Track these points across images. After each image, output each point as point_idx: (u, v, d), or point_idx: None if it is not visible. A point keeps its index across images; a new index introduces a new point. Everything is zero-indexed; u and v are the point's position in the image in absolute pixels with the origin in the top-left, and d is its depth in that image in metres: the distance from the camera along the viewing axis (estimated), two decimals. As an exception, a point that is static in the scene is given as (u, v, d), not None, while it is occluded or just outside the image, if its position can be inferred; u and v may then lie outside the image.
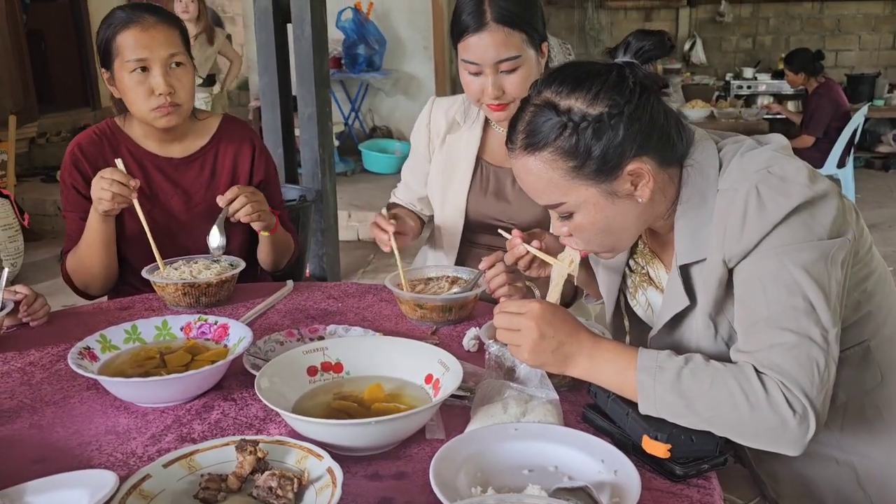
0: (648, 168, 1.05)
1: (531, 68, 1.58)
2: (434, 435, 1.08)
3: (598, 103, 1.03)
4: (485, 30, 1.53)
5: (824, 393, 0.96)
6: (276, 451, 0.96)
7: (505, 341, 1.09)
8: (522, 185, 1.12)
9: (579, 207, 1.08)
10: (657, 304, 1.23)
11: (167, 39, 1.67)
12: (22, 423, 1.13)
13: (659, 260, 1.23)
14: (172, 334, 1.34)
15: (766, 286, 0.99)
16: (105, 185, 1.58)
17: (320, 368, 1.17)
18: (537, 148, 1.06)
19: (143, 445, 1.06)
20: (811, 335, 0.96)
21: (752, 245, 1.00)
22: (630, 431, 1.02)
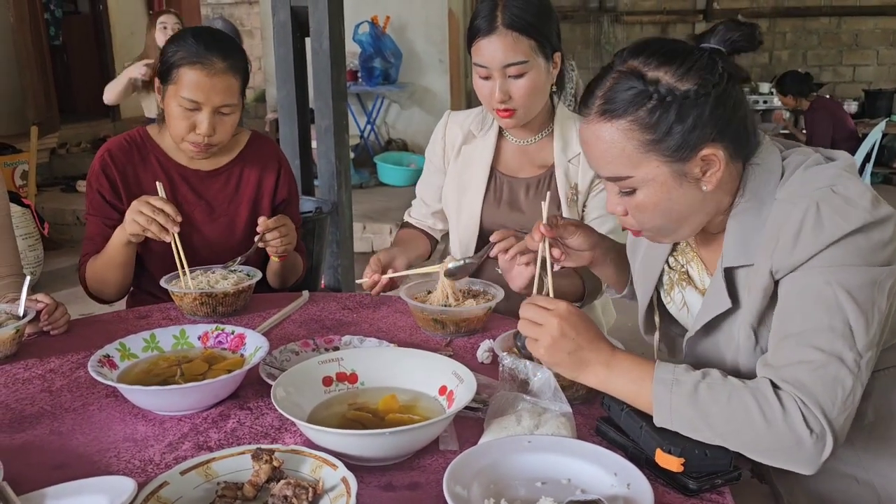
0: (721, 156, 1.04)
1: (539, 76, 1.61)
2: (447, 446, 1.08)
3: (688, 80, 1.02)
4: (495, 33, 1.57)
5: (846, 415, 0.96)
6: (291, 460, 0.97)
7: (525, 333, 1.08)
8: (588, 153, 1.10)
9: (645, 184, 1.06)
10: (693, 304, 1.22)
11: (226, 89, 1.69)
12: (42, 430, 1.15)
13: (700, 259, 1.21)
14: (190, 343, 1.35)
15: (806, 302, 0.98)
16: (147, 212, 1.57)
17: (335, 379, 1.18)
18: (615, 115, 1.04)
19: (160, 453, 1.08)
20: (843, 357, 0.95)
21: (802, 260, 0.99)
22: (643, 445, 1.02)
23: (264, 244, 1.71)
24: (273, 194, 1.90)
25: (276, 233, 1.70)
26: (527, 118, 1.69)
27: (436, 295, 1.55)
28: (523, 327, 1.08)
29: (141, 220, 1.58)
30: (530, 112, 1.68)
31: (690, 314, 1.23)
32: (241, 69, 1.73)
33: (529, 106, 1.65)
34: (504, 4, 1.58)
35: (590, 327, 1.06)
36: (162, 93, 1.73)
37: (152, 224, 1.58)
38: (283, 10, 2.64)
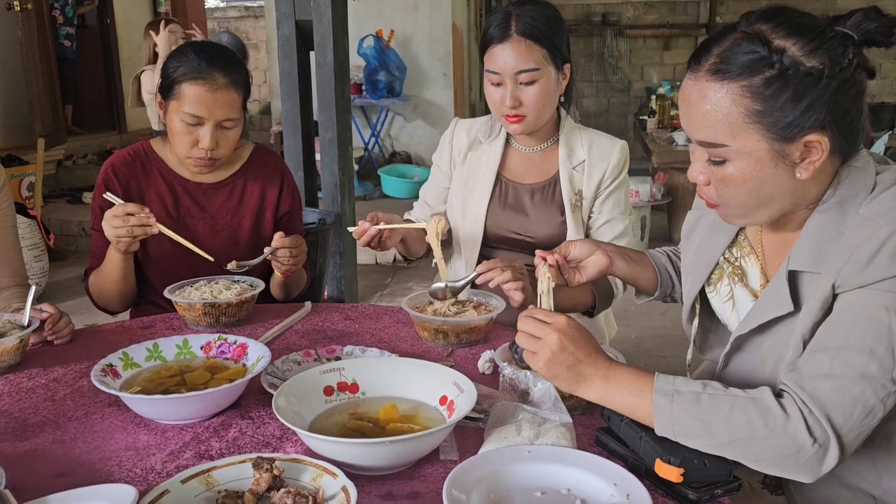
0: (826, 146, 0.99)
1: (550, 85, 1.67)
2: (448, 456, 1.08)
3: (815, 57, 0.96)
4: (508, 40, 1.64)
5: (858, 433, 0.95)
6: (291, 468, 0.98)
7: (524, 346, 1.08)
8: (686, 111, 1.04)
9: (739, 157, 1.00)
10: (741, 301, 1.19)
11: (228, 103, 1.71)
12: (45, 438, 1.16)
13: (757, 257, 1.18)
14: (193, 353, 1.36)
15: (857, 320, 0.96)
16: (119, 223, 1.58)
17: (336, 388, 1.19)
18: (728, 77, 0.98)
19: (161, 461, 1.08)
20: (873, 380, 0.94)
21: (869, 282, 0.96)
22: (643, 455, 1.02)
23: (273, 259, 1.72)
24: (276, 207, 1.91)
25: (287, 251, 1.71)
26: (535, 126, 1.74)
27: (437, 306, 1.56)
28: (522, 340, 1.08)
29: (122, 233, 1.59)
30: (539, 119, 1.72)
31: (736, 310, 1.20)
32: (242, 83, 1.74)
33: (538, 113, 1.70)
34: (517, 14, 1.64)
35: (588, 341, 1.07)
36: (164, 108, 1.75)
37: (133, 230, 1.58)
38: (287, 24, 2.67)
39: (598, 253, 1.38)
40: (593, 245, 1.39)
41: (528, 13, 1.64)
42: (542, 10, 1.67)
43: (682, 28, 9.15)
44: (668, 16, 9.14)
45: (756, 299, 1.16)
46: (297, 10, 2.66)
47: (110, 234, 1.61)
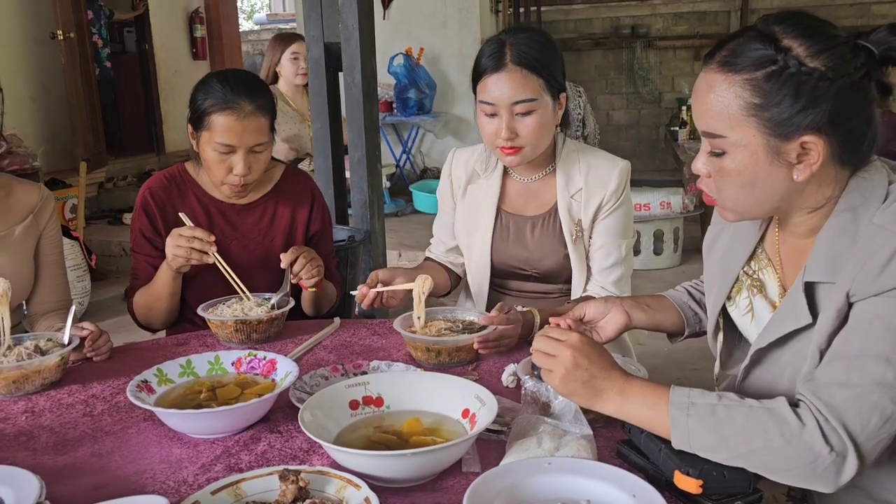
0: (822, 150, 1.01)
1: (547, 115, 1.62)
2: (470, 468, 1.10)
3: (819, 59, 0.98)
4: (503, 70, 1.58)
5: (877, 441, 0.95)
6: (317, 480, 1.00)
7: (540, 365, 1.11)
8: (694, 101, 1.08)
9: (736, 150, 1.03)
10: (761, 313, 1.19)
11: (257, 129, 1.76)
12: (83, 452, 1.21)
13: (775, 269, 1.19)
14: (224, 369, 1.40)
15: (873, 328, 0.96)
16: (183, 243, 1.66)
17: (362, 402, 1.22)
18: (733, 69, 1.02)
19: (193, 474, 1.12)
20: (891, 390, 0.94)
21: (884, 289, 0.96)
22: (663, 467, 1.03)
23: (296, 279, 1.76)
24: (307, 226, 1.96)
25: (301, 261, 1.74)
26: (532, 156, 1.69)
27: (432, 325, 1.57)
28: (537, 359, 1.11)
29: (181, 252, 1.66)
30: (536, 150, 1.68)
31: (755, 321, 1.21)
32: (268, 107, 1.80)
33: (536, 144, 1.65)
34: (511, 43, 1.59)
35: (602, 356, 1.08)
36: (196, 139, 1.81)
37: (192, 252, 1.66)
38: (316, 47, 2.74)
39: (614, 311, 1.38)
40: (608, 304, 1.38)
41: (522, 41, 1.59)
42: (537, 38, 1.62)
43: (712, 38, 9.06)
44: (698, 26, 9.08)
45: (774, 310, 1.16)
46: (325, 32, 2.73)
47: (171, 251, 1.68)
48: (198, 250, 1.65)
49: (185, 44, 8.58)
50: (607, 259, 1.74)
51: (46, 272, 1.82)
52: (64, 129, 6.63)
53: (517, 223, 1.79)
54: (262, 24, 11.03)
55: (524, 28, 1.70)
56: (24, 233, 1.76)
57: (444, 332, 1.54)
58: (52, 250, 1.84)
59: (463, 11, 6.98)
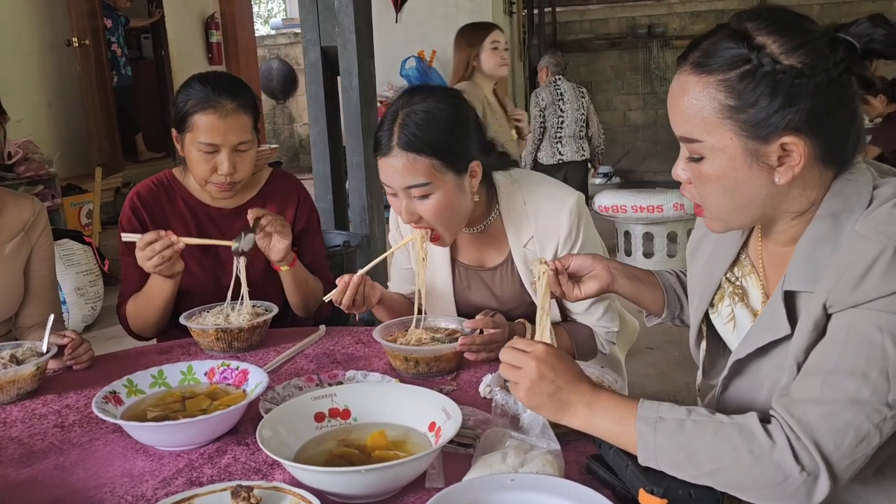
0: (804, 151, 0.96)
1: (447, 195, 1.48)
2: (434, 483, 1.07)
3: (795, 56, 0.94)
4: (390, 154, 1.45)
5: (851, 461, 0.90)
6: (271, 497, 0.98)
7: (506, 377, 1.07)
8: (671, 105, 1.03)
9: (714, 154, 0.99)
10: (742, 322, 1.15)
11: (240, 127, 1.75)
12: (48, 464, 1.19)
13: (758, 276, 1.14)
14: (196, 379, 1.39)
15: (850, 342, 0.91)
16: (149, 254, 1.64)
17: (328, 415, 1.19)
18: (706, 70, 0.97)
19: (153, 488, 1.10)
20: (865, 405, 0.89)
21: (861, 301, 0.91)
22: (629, 484, 0.99)
23: (262, 234, 1.73)
24: (293, 225, 1.94)
25: (266, 217, 1.71)
26: (454, 234, 1.57)
27: (412, 334, 1.53)
28: (504, 371, 1.07)
29: (155, 261, 1.64)
30: (453, 227, 1.55)
31: (737, 330, 1.16)
32: (250, 106, 1.78)
33: (446, 224, 1.52)
34: (402, 122, 1.44)
35: (570, 368, 1.04)
36: (180, 141, 1.80)
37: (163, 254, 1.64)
38: (313, 51, 2.73)
39: (600, 268, 1.34)
40: (595, 260, 1.35)
41: (413, 120, 1.43)
42: (434, 113, 1.45)
43: (730, 37, 8.96)
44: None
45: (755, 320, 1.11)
46: (322, 36, 2.71)
47: (147, 267, 1.67)
48: (165, 248, 1.63)
49: (201, 49, 8.66)
50: (584, 302, 1.61)
51: (36, 287, 1.80)
52: (80, 134, 6.71)
53: (477, 275, 1.70)
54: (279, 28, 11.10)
55: (426, 93, 1.49)
56: (15, 249, 1.74)
57: (424, 342, 1.51)
58: (42, 265, 1.82)
59: (475, 13, 6.95)
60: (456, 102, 1.51)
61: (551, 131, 5.71)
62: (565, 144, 5.67)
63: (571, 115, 5.66)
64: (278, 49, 10.79)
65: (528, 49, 9.02)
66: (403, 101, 1.48)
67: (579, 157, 5.71)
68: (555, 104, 5.68)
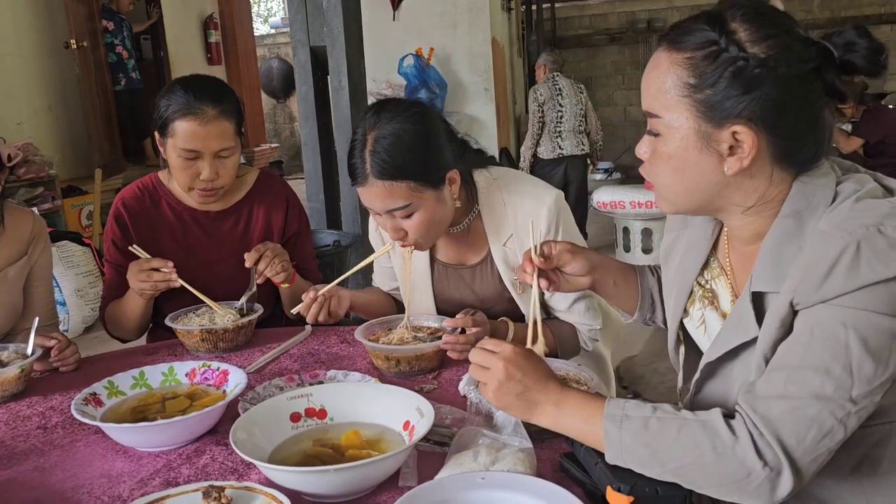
0: (755, 144, 0.96)
1: (429, 210, 1.49)
2: (407, 482, 1.08)
3: (762, 45, 0.95)
4: (366, 183, 1.46)
5: (815, 456, 0.90)
6: (242, 497, 0.99)
7: (475, 378, 1.08)
8: (643, 79, 1.05)
9: (669, 132, 1.01)
10: (712, 325, 1.15)
11: (221, 134, 1.74)
12: (28, 466, 1.21)
13: (726, 279, 1.14)
14: (178, 380, 1.40)
15: (815, 339, 0.91)
16: (144, 278, 1.68)
17: (304, 415, 1.20)
18: (677, 48, 0.99)
19: (129, 489, 1.11)
20: (828, 400, 0.89)
21: (826, 298, 0.91)
22: (598, 482, 0.99)
23: (262, 277, 1.75)
24: (283, 230, 1.95)
25: (265, 260, 1.73)
26: (437, 237, 1.59)
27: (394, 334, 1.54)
28: (473, 372, 1.07)
29: (146, 286, 1.68)
30: (435, 235, 1.57)
31: (707, 334, 1.16)
32: (233, 112, 1.77)
33: (428, 234, 1.53)
34: (372, 148, 1.43)
35: (537, 367, 1.05)
36: (163, 146, 1.80)
37: (157, 284, 1.68)
38: (302, 51, 2.73)
39: (586, 279, 1.30)
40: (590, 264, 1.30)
41: (382, 146, 1.42)
42: (401, 136, 1.43)
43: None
44: (717, 19, 8.95)
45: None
46: (311, 36, 2.72)
47: (135, 286, 1.69)
48: (161, 281, 1.67)
49: (200, 49, 8.68)
50: (566, 300, 1.62)
51: (35, 298, 1.80)
52: (80, 136, 6.73)
53: (456, 273, 1.70)
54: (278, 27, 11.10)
55: (391, 112, 1.46)
56: (18, 271, 1.74)
57: (406, 341, 1.51)
58: (41, 281, 1.82)
59: (473, 11, 6.93)
60: (421, 118, 1.48)
61: (550, 126, 5.71)
62: (565, 139, 5.67)
63: (570, 109, 5.67)
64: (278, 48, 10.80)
65: (527, 45, 9.01)
66: (371, 121, 1.47)
67: (579, 151, 5.71)
68: (553, 99, 5.68)
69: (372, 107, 1.52)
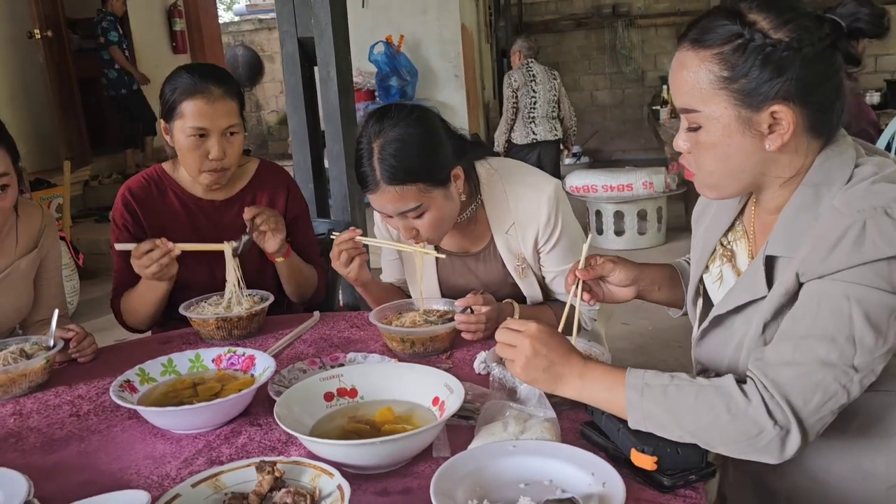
0: (792, 119, 1.05)
1: (439, 208, 1.57)
2: (440, 453, 1.16)
3: (783, 31, 1.03)
4: (377, 190, 1.53)
5: (820, 417, 1.00)
6: (292, 470, 1.05)
7: (502, 356, 1.16)
8: (671, 80, 1.13)
9: (710, 122, 1.07)
10: (728, 280, 1.24)
11: (227, 111, 1.81)
12: (71, 451, 1.25)
13: (746, 242, 1.23)
14: (205, 366, 1.45)
15: (821, 309, 1.00)
16: (146, 263, 1.69)
17: (336, 394, 1.26)
18: (702, 46, 1.06)
19: (176, 468, 1.17)
20: (833, 367, 0.98)
21: (830, 271, 1.00)
22: (621, 446, 1.08)
23: (258, 232, 1.79)
24: (284, 214, 2.00)
25: (261, 216, 1.78)
26: (447, 231, 1.67)
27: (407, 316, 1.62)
28: (500, 350, 1.16)
29: (153, 269, 1.70)
30: (445, 229, 1.65)
31: (722, 288, 1.25)
32: (236, 93, 1.84)
33: (440, 232, 1.63)
34: (380, 156, 1.50)
35: (561, 343, 1.13)
36: (170, 132, 1.84)
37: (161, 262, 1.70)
38: (290, 42, 2.76)
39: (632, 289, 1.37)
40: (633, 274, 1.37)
41: (388, 152, 1.49)
42: (407, 140, 1.50)
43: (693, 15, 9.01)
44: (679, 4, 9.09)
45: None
46: (298, 28, 2.74)
47: (145, 275, 1.72)
48: (162, 256, 1.69)
49: (165, 38, 8.54)
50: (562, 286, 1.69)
51: (45, 290, 1.84)
52: (46, 128, 6.61)
53: (461, 261, 1.79)
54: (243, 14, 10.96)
55: (394, 118, 1.53)
56: (30, 263, 1.77)
57: (419, 324, 1.59)
58: (52, 273, 1.85)
59: (442, -3, 6.98)
60: (422, 121, 1.55)
61: (524, 111, 5.80)
62: (538, 124, 5.77)
63: (544, 95, 5.76)
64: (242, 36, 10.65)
65: (496, 31, 9.07)
66: (374, 130, 1.53)
67: (552, 136, 5.82)
68: (527, 85, 5.77)
69: (373, 114, 1.58)
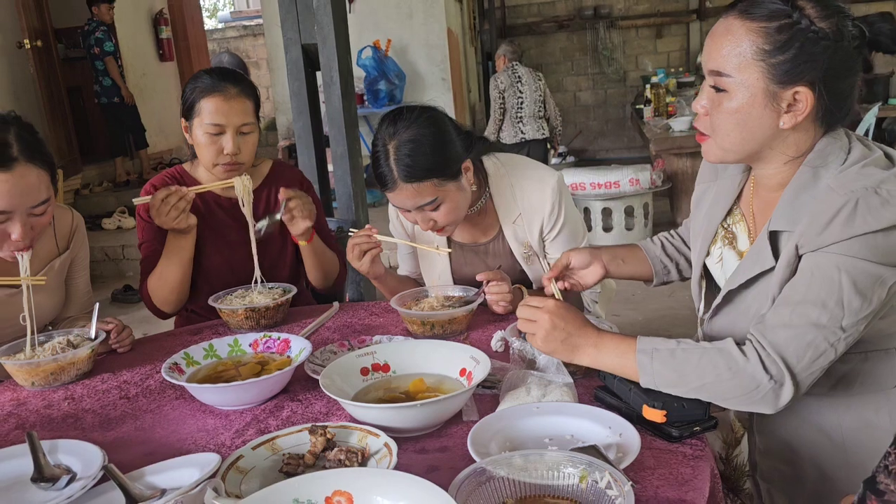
0: (810, 104, 1.15)
1: (454, 199, 1.71)
2: (469, 417, 1.28)
3: (826, 22, 1.12)
4: (396, 188, 1.67)
5: (810, 372, 1.13)
6: (341, 433, 1.17)
7: (523, 329, 1.29)
8: (710, 42, 1.20)
9: (737, 90, 1.17)
10: (728, 261, 1.36)
11: (243, 110, 1.93)
12: (128, 428, 1.37)
13: (745, 224, 1.34)
14: (243, 350, 1.56)
15: (814, 278, 1.12)
16: (164, 209, 1.82)
17: (371, 369, 1.39)
18: (750, 17, 1.15)
19: (230, 438, 1.28)
20: (824, 328, 1.11)
21: (825, 244, 1.12)
22: (633, 404, 1.21)
23: (289, 213, 1.90)
24: None
25: (296, 199, 1.89)
26: (459, 222, 1.80)
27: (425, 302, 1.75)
28: (521, 325, 1.29)
29: (171, 214, 1.83)
30: (459, 219, 1.78)
31: (723, 269, 1.38)
32: (252, 94, 1.97)
33: (456, 219, 1.76)
34: (396, 157, 1.63)
35: (577, 316, 1.26)
36: (189, 129, 1.96)
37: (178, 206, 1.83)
38: (294, 49, 2.87)
39: (595, 265, 1.58)
40: (590, 257, 1.58)
41: (404, 153, 1.62)
42: (420, 140, 1.63)
43: (673, 16, 9.30)
44: (659, 4, 9.29)
45: (741, 259, 1.34)
46: (302, 35, 2.86)
47: (164, 222, 1.84)
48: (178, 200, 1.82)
49: (152, 46, 8.61)
50: None
51: (76, 288, 1.94)
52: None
53: (471, 250, 1.93)
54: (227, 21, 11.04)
55: (406, 120, 1.65)
56: (62, 265, 1.87)
57: (437, 308, 1.71)
58: (81, 272, 1.95)
59: (427, 1, 7.10)
60: (433, 121, 1.68)
61: (512, 112, 5.96)
62: (526, 124, 5.94)
63: (530, 96, 5.93)
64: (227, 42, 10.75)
65: (480, 34, 9.22)
66: (389, 132, 1.66)
67: (540, 135, 5.99)
68: (513, 86, 5.93)
69: (387, 117, 1.72)
